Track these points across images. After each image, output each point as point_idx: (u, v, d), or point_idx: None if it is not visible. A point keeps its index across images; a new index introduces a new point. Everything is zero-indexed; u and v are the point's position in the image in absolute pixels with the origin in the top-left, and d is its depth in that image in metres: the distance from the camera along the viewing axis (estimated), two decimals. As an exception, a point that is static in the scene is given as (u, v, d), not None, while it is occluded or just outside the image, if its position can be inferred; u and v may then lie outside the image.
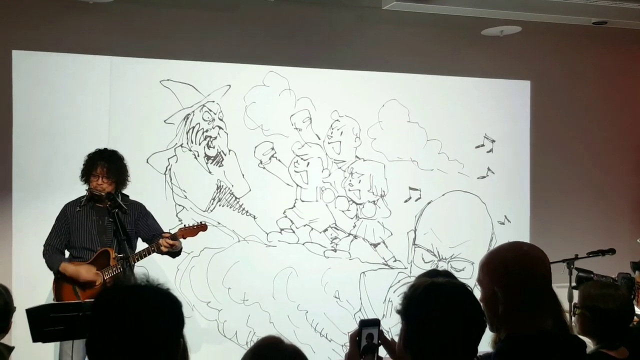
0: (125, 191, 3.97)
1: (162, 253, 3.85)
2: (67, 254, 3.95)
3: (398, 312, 1.67)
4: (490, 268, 1.72)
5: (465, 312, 1.59)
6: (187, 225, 3.97)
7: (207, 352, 4.62)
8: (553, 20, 5.41)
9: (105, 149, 3.96)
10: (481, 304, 1.75)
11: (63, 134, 4.51)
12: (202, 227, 3.98)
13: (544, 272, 1.71)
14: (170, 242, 3.78)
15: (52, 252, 3.87)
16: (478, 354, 2.36)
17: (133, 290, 1.47)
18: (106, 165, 3.83)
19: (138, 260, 3.80)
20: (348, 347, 1.75)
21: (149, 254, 3.81)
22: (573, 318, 2.63)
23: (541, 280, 1.70)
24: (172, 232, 3.93)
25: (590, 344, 2.48)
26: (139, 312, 1.40)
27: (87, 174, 3.85)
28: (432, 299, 1.61)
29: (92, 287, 3.78)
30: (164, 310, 1.43)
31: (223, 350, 4.68)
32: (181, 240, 3.89)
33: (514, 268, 1.68)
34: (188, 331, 1.87)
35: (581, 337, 2.36)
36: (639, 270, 3.80)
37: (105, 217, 3.82)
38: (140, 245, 4.02)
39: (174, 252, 3.89)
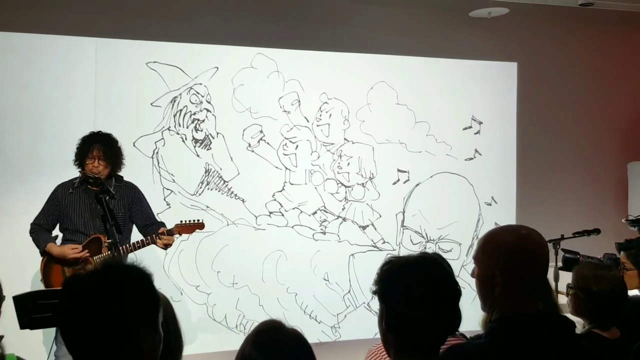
0: (121, 170, 3.96)
1: (158, 246, 3.86)
2: (59, 235, 3.91)
3: (374, 292, 1.68)
4: (491, 249, 1.72)
5: (436, 282, 1.62)
6: (183, 222, 3.95)
7: (197, 335, 4.62)
8: (540, 2, 5.41)
9: (100, 132, 3.93)
10: (475, 280, 1.77)
11: (48, 117, 4.45)
12: (199, 225, 4.00)
13: (544, 256, 1.72)
14: (166, 239, 3.81)
15: (38, 230, 3.85)
16: (469, 336, 2.38)
17: (94, 271, 1.45)
18: (102, 148, 3.81)
19: (133, 251, 3.79)
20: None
21: (144, 245, 3.82)
22: (565, 298, 2.65)
23: (540, 265, 1.71)
24: (162, 218, 3.94)
25: (579, 324, 2.51)
26: (100, 291, 1.36)
27: (81, 156, 3.82)
28: (402, 276, 1.63)
29: (80, 268, 3.75)
30: (125, 283, 1.39)
31: (212, 333, 4.69)
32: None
33: (516, 252, 1.68)
34: (178, 316, 1.86)
35: (573, 317, 2.40)
36: (624, 251, 3.83)
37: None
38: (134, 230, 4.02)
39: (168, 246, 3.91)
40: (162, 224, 4.02)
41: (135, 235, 4.05)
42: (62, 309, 1.39)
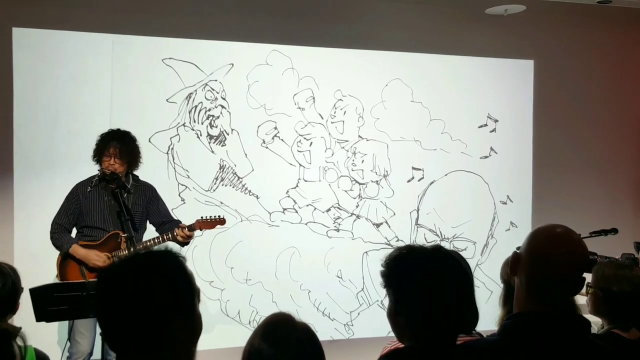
0: (138, 169, 3.98)
1: (182, 244, 3.86)
2: (74, 232, 3.93)
3: (384, 286, 1.68)
4: (524, 244, 1.71)
5: (445, 270, 1.62)
6: (204, 218, 3.96)
7: (210, 331, 4.63)
8: (558, -1, 5.37)
9: (119, 130, 3.95)
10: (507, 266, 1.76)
11: (64, 113, 4.48)
12: (220, 221, 4.00)
13: (567, 262, 1.66)
14: (188, 233, 3.82)
15: (60, 232, 3.85)
16: (486, 335, 2.37)
17: (134, 257, 1.43)
18: (118, 146, 3.82)
19: (152, 247, 3.80)
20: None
21: (164, 241, 3.83)
22: (583, 298, 2.61)
23: (560, 268, 1.65)
24: (177, 214, 3.94)
25: (595, 324, 2.47)
26: (143, 273, 1.34)
27: (99, 154, 3.84)
28: (415, 263, 1.64)
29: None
30: (166, 267, 1.37)
31: (226, 329, 4.70)
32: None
33: (539, 254, 1.66)
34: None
35: (593, 316, 2.36)
36: (643, 251, 3.78)
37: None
38: (149, 228, 4.02)
39: (186, 242, 3.92)
40: (179, 222, 4.02)
41: (151, 234, 4.06)
42: (104, 300, 1.37)
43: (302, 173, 4.94)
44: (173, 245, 4.05)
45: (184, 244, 3.90)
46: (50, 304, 3.19)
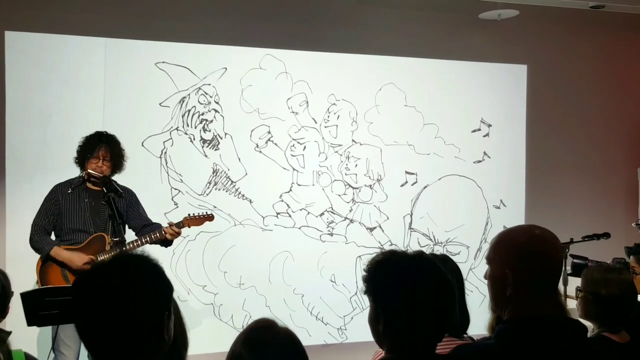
0: (121, 173, 3.94)
1: (166, 244, 3.84)
2: (53, 236, 3.87)
3: (364, 292, 1.67)
4: (503, 248, 1.70)
5: (424, 277, 1.60)
6: (192, 215, 3.93)
7: (203, 335, 4.62)
8: (551, 4, 5.38)
9: (105, 132, 3.90)
10: (487, 282, 1.75)
11: (57, 117, 4.47)
12: (208, 217, 3.98)
13: (556, 257, 1.69)
14: (176, 230, 3.80)
15: (40, 234, 3.78)
16: (476, 338, 2.37)
17: (112, 261, 1.44)
18: (108, 148, 3.79)
19: (137, 248, 3.77)
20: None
21: (152, 240, 3.79)
22: (574, 302, 2.62)
23: (553, 265, 1.68)
24: (170, 218, 3.91)
25: (590, 327, 2.48)
26: (120, 278, 1.35)
27: (85, 155, 3.79)
28: (389, 272, 1.63)
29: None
30: (144, 273, 1.39)
31: (219, 333, 4.67)
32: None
33: (528, 251, 1.66)
34: (184, 315, 1.85)
35: (583, 320, 2.37)
36: (634, 255, 3.79)
37: (99, 200, 3.77)
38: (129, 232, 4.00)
39: (169, 242, 3.88)
40: (159, 225, 3.99)
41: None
42: (84, 304, 1.36)
43: (296, 177, 4.93)
44: (159, 249, 4.04)
45: (168, 243, 3.86)
46: (41, 308, 3.18)
